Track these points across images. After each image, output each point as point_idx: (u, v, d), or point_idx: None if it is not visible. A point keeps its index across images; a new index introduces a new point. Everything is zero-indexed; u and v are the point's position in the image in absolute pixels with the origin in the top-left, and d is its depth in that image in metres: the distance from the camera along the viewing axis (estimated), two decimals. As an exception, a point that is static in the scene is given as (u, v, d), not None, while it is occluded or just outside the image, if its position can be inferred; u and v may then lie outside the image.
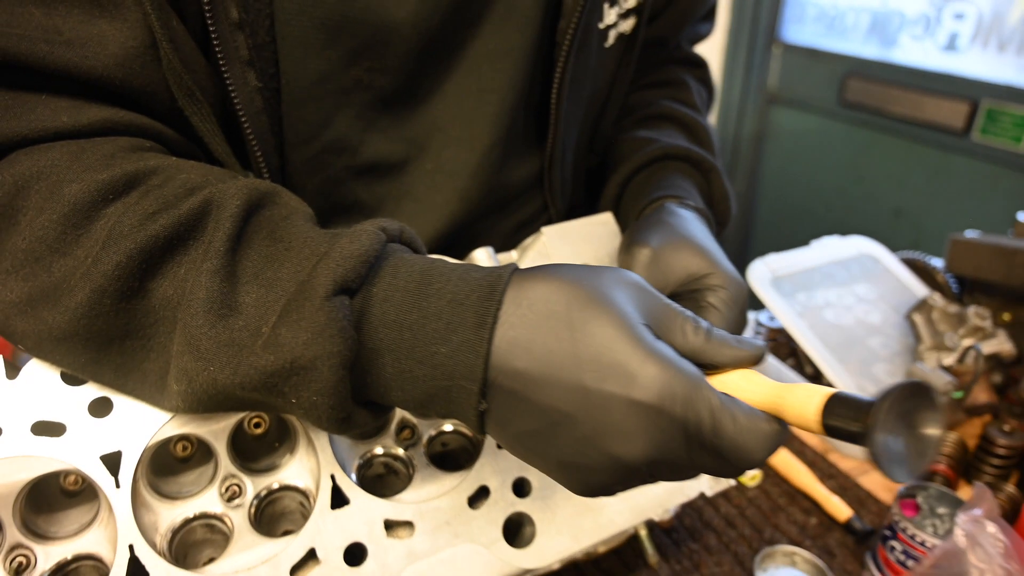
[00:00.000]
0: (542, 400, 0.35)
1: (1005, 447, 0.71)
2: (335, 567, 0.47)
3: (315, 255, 0.38)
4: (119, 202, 0.39)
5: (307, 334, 0.36)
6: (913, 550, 0.58)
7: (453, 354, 0.36)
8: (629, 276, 0.39)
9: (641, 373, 0.34)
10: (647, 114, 0.72)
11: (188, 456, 0.50)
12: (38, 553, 0.44)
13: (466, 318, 0.36)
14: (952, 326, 0.79)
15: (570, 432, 0.36)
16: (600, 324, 0.35)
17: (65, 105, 0.41)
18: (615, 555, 0.64)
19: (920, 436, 0.33)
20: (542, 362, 0.35)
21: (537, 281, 0.37)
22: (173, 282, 0.39)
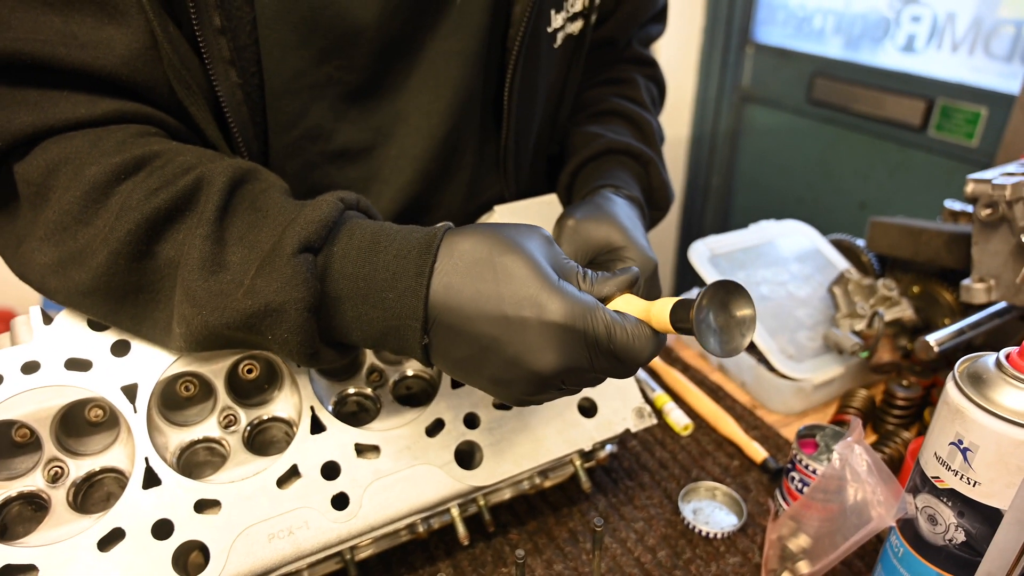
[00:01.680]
0: (473, 330, 0.45)
1: (904, 399, 0.81)
2: (314, 480, 0.57)
3: (286, 220, 0.48)
4: (129, 180, 0.49)
5: (277, 283, 0.45)
6: (807, 478, 0.68)
7: (399, 299, 0.46)
8: (540, 231, 0.49)
9: (550, 301, 0.45)
10: (598, 110, 0.81)
11: (192, 395, 0.60)
12: (70, 465, 0.54)
13: (408, 269, 0.46)
14: (864, 296, 0.90)
15: (497, 354, 0.46)
16: (517, 266, 0.45)
17: (83, 99, 0.50)
18: (559, 489, 0.74)
19: (735, 317, 0.44)
20: (471, 300, 0.45)
21: (465, 236, 0.47)
22: (174, 245, 0.48)
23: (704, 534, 0.70)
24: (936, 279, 0.93)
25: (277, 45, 0.56)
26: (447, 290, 0.45)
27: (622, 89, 0.83)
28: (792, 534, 0.65)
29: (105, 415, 0.56)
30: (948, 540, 0.51)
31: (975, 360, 0.51)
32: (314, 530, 0.55)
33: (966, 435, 0.48)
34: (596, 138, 0.75)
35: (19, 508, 0.53)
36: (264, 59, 0.56)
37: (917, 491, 0.53)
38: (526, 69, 0.69)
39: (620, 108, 0.80)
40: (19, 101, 0.49)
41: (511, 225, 0.48)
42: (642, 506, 0.74)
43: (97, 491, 0.55)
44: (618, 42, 0.84)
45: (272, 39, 0.56)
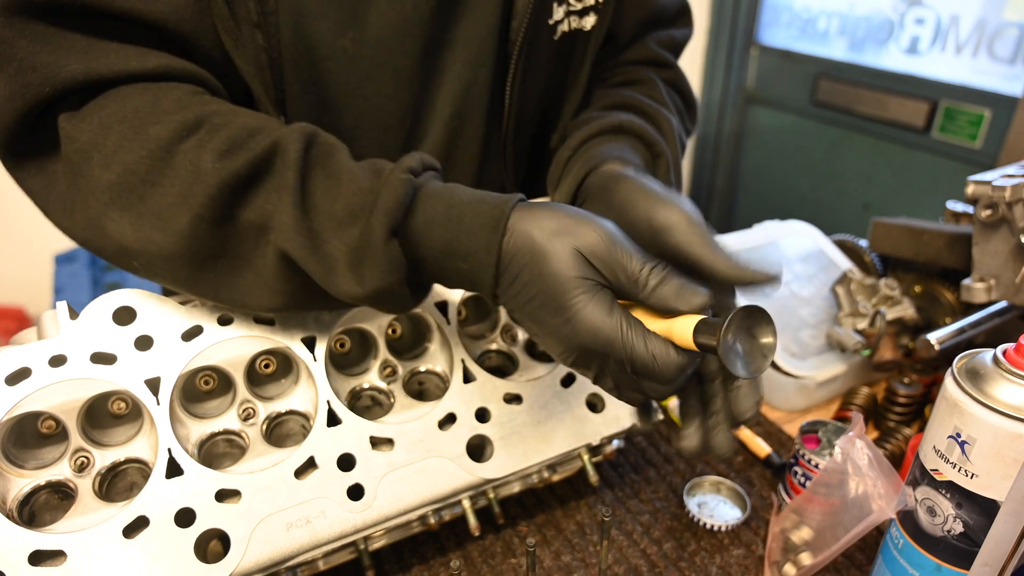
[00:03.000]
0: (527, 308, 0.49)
1: (905, 396, 0.83)
2: (330, 471, 0.58)
3: (363, 196, 0.50)
4: (192, 139, 0.50)
5: (379, 272, 0.49)
6: (810, 472, 0.70)
7: (472, 270, 0.50)
8: (602, 227, 0.48)
9: (575, 317, 0.47)
10: (609, 103, 0.75)
11: (211, 389, 0.61)
12: (96, 456, 0.56)
13: (479, 246, 0.49)
14: (867, 296, 0.91)
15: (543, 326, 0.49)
16: (559, 264, 0.47)
17: (132, 52, 0.51)
18: (567, 483, 0.76)
19: (758, 344, 0.45)
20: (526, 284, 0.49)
21: (528, 220, 0.49)
22: (254, 209, 0.50)
23: (708, 527, 0.71)
24: (937, 279, 0.94)
25: (295, 12, 0.58)
26: (507, 271, 0.49)
27: (638, 88, 0.78)
28: (795, 527, 0.66)
29: (128, 407, 0.58)
30: (947, 531, 0.53)
31: (973, 356, 0.53)
32: (331, 519, 0.57)
33: (964, 428, 0.50)
34: (601, 119, 0.70)
35: (46, 496, 0.55)
36: (282, 25, 0.58)
37: (917, 484, 0.55)
38: (528, 60, 0.70)
39: (633, 101, 0.74)
40: (66, 47, 0.50)
41: (575, 217, 0.49)
42: (648, 500, 0.75)
43: (121, 480, 0.57)
44: (619, 38, 0.80)
45: (291, 6, 0.58)
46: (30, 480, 0.54)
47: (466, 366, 0.66)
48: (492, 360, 0.71)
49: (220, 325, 0.59)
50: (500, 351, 0.72)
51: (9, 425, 0.53)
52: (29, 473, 0.54)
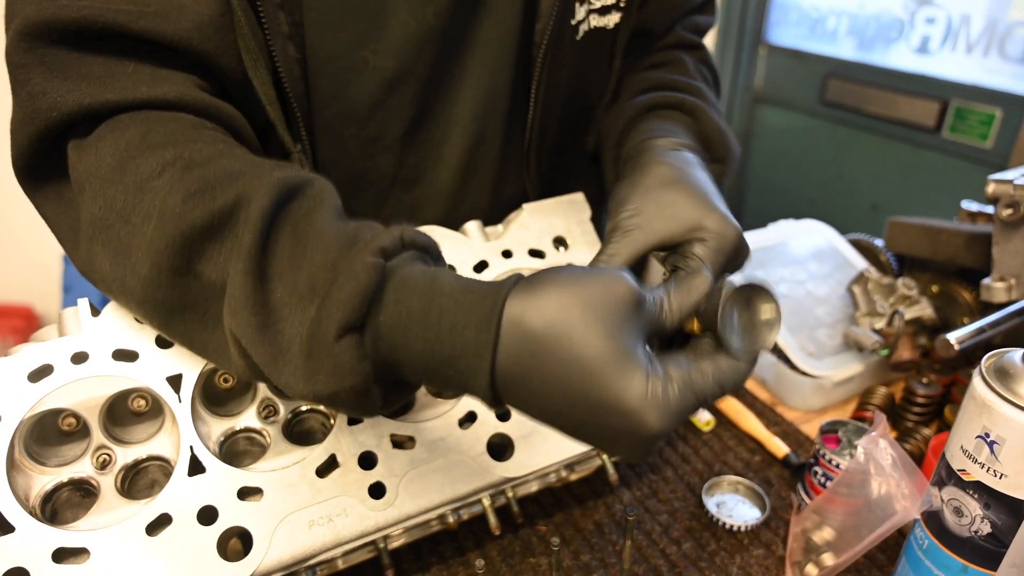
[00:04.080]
0: (537, 411, 0.42)
1: (924, 396, 0.82)
2: (352, 469, 0.58)
3: (327, 268, 0.42)
4: (165, 175, 0.46)
5: (326, 374, 0.41)
6: (831, 472, 0.69)
7: (461, 376, 0.41)
8: (617, 293, 0.40)
9: (636, 415, 0.39)
10: (643, 87, 0.74)
11: (230, 387, 0.61)
12: (117, 453, 0.56)
13: (467, 348, 0.40)
14: (884, 295, 0.91)
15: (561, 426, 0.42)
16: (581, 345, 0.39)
17: (145, 77, 0.50)
18: (584, 482, 0.76)
19: (759, 319, 0.45)
20: (541, 396, 0.40)
21: (529, 313, 0.39)
22: (215, 267, 0.44)
23: (728, 527, 0.71)
24: (955, 278, 0.93)
25: (318, 23, 0.58)
26: (507, 377, 0.40)
27: (669, 69, 0.77)
28: (816, 527, 0.66)
29: (148, 405, 0.58)
30: (974, 532, 0.52)
31: (1001, 355, 0.52)
32: (352, 518, 0.57)
33: (993, 428, 0.50)
34: (632, 106, 0.70)
35: (68, 494, 0.54)
36: (307, 36, 0.58)
37: (943, 484, 0.54)
38: (553, 61, 0.70)
39: (666, 80, 0.73)
40: (83, 74, 0.49)
41: (583, 292, 0.40)
42: (666, 499, 0.75)
43: (142, 478, 0.57)
44: (655, 33, 0.80)
45: (314, 17, 0.58)
46: (52, 477, 0.54)
47: (486, 364, 0.66)
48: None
49: (241, 322, 0.59)
50: (519, 350, 0.71)
51: (31, 422, 0.53)
52: (51, 470, 0.54)
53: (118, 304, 0.53)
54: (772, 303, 0.45)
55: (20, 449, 0.53)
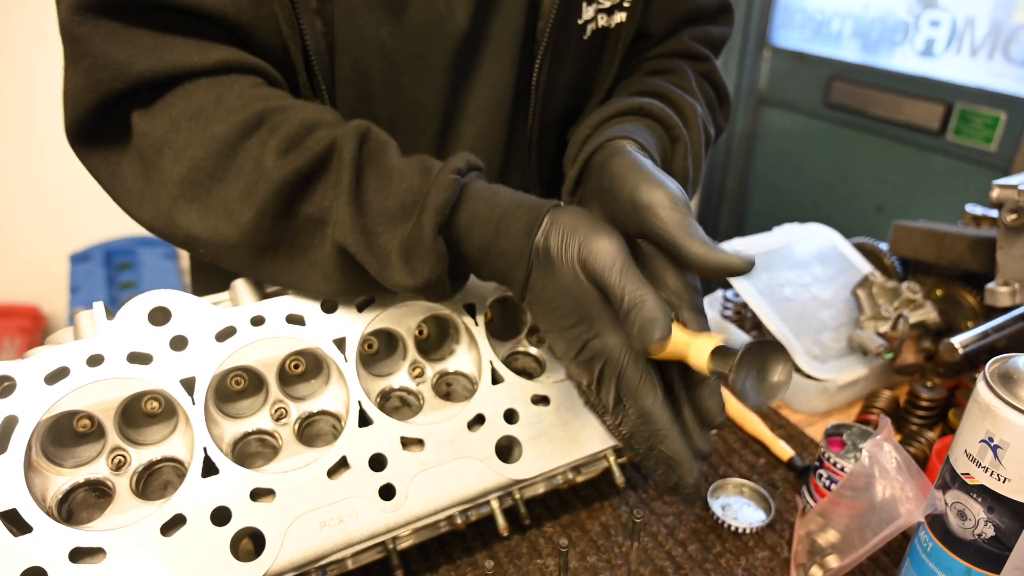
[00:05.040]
0: (544, 308, 0.55)
1: (927, 400, 0.83)
2: (362, 471, 0.59)
3: (414, 194, 0.54)
4: (254, 137, 0.54)
5: (428, 266, 0.53)
6: (836, 475, 0.70)
7: (506, 269, 0.55)
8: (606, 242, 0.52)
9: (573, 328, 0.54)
10: (635, 90, 0.74)
11: (242, 389, 0.62)
12: (132, 454, 0.57)
13: (514, 248, 0.54)
14: (888, 299, 0.91)
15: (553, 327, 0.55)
16: (562, 275, 0.53)
17: (195, 47, 0.54)
18: (591, 484, 0.76)
19: (768, 380, 0.47)
20: (544, 288, 0.54)
21: (553, 228, 0.53)
22: (312, 204, 0.54)
23: (733, 529, 0.72)
24: (959, 282, 0.94)
25: (345, 3, 0.61)
26: (537, 278, 0.54)
27: (666, 77, 0.76)
28: (821, 529, 0.67)
29: (161, 406, 0.59)
30: (977, 535, 0.53)
31: (1006, 360, 0.53)
32: (363, 519, 0.57)
33: (996, 433, 0.50)
34: (623, 101, 0.69)
35: (84, 494, 0.55)
36: (335, 12, 0.61)
37: (947, 487, 0.55)
38: (554, 60, 0.71)
39: (659, 88, 0.73)
40: (136, 43, 0.53)
41: (588, 227, 0.53)
42: (671, 501, 0.76)
43: (156, 479, 0.57)
44: (653, 34, 0.79)
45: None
46: (68, 478, 0.55)
47: (494, 367, 0.66)
48: (519, 362, 0.71)
49: (253, 326, 0.60)
50: (527, 353, 0.72)
51: (48, 424, 0.54)
52: (68, 471, 0.55)
53: (199, 255, 0.58)
54: (785, 364, 0.47)
55: (37, 450, 0.54)
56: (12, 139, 2.23)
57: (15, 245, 2.36)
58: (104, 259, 2.35)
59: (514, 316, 0.74)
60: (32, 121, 2.21)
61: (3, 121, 2.21)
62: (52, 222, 2.37)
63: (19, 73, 2.17)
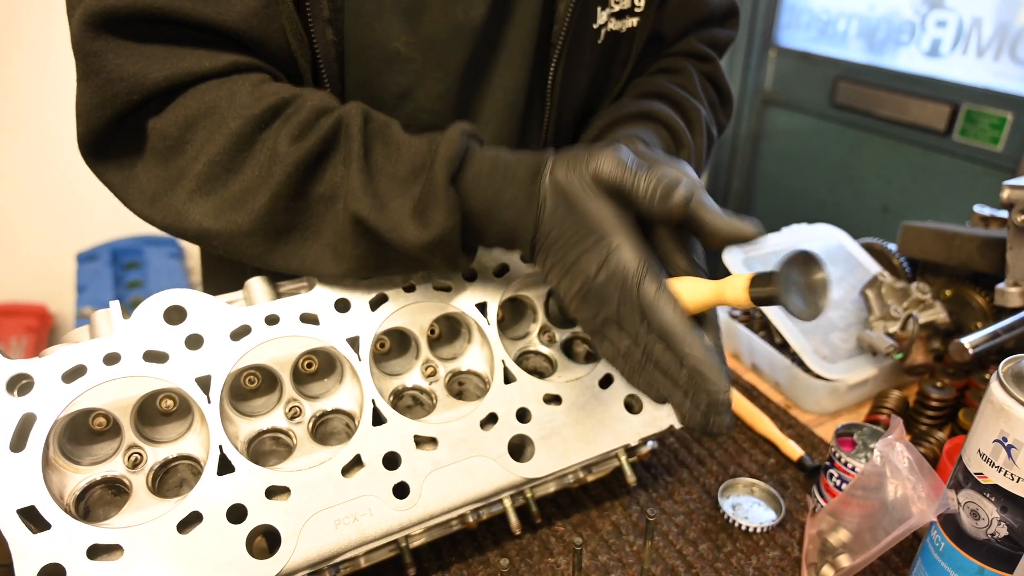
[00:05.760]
0: (557, 245, 0.53)
1: (937, 400, 0.83)
2: (376, 469, 0.59)
3: (423, 155, 0.55)
4: (269, 128, 0.55)
5: (443, 214, 0.53)
6: (846, 475, 0.70)
7: (515, 218, 0.54)
8: (610, 152, 0.51)
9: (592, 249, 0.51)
10: (642, 92, 0.76)
11: (255, 388, 0.62)
12: (148, 452, 0.57)
13: (520, 194, 0.53)
14: (898, 299, 0.91)
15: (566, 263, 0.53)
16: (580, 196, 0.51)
17: (204, 54, 0.56)
18: (601, 483, 0.77)
19: (812, 281, 0.47)
20: (563, 227, 0.52)
21: (557, 164, 0.53)
22: (324, 183, 0.55)
23: (744, 528, 0.72)
24: (968, 283, 0.94)
25: (356, 12, 0.61)
26: (547, 222, 0.53)
27: (673, 77, 0.79)
28: (832, 529, 0.67)
29: (176, 404, 0.59)
30: (991, 534, 0.53)
31: (1019, 360, 0.53)
32: (377, 517, 0.58)
33: (1010, 432, 0.50)
34: (631, 105, 0.72)
35: (101, 492, 0.56)
36: (346, 22, 0.61)
37: (960, 487, 0.55)
38: (569, 64, 0.71)
39: (666, 90, 0.75)
40: (147, 56, 0.54)
41: (590, 148, 0.52)
42: (682, 501, 0.76)
43: (172, 477, 0.58)
44: (665, 38, 0.81)
45: (353, 6, 0.61)
46: (86, 476, 0.55)
47: (506, 367, 0.67)
48: (530, 361, 0.72)
49: (267, 325, 0.60)
50: (538, 352, 0.72)
51: (65, 421, 0.54)
52: (85, 469, 0.55)
53: (213, 247, 0.58)
54: (822, 269, 0.47)
55: (55, 448, 0.54)
56: (19, 139, 2.23)
57: (22, 244, 2.37)
58: (111, 258, 2.35)
59: (525, 316, 0.74)
60: (39, 121, 2.22)
61: (10, 122, 2.22)
62: (59, 221, 2.38)
63: (26, 74, 2.18)
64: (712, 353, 0.49)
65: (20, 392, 0.52)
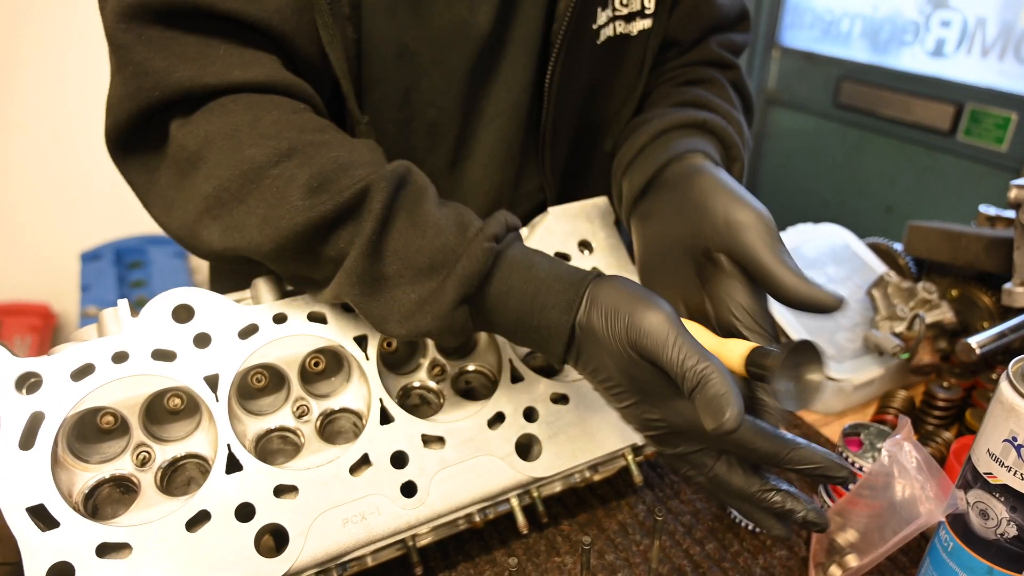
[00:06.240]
0: (597, 384, 0.53)
1: (944, 400, 0.83)
2: (383, 468, 0.59)
3: (446, 251, 0.52)
4: (280, 166, 0.53)
5: (436, 324, 0.52)
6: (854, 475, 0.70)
7: (543, 341, 0.53)
8: (656, 312, 0.49)
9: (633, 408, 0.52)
10: (682, 100, 0.74)
11: (263, 387, 0.62)
12: (156, 451, 0.57)
13: (551, 323, 0.51)
14: (904, 299, 0.91)
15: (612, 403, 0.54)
16: (611, 356, 0.50)
17: (236, 60, 0.54)
18: (607, 483, 0.77)
19: (807, 380, 0.47)
20: (604, 374, 0.51)
21: (594, 303, 0.51)
22: (334, 248, 0.53)
23: (751, 528, 0.72)
24: (974, 283, 0.94)
25: (372, 8, 0.62)
26: (578, 346, 0.52)
27: (708, 88, 0.77)
28: (839, 529, 0.67)
29: (183, 403, 0.59)
30: (1000, 534, 0.53)
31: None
32: (385, 516, 0.58)
33: (1020, 432, 0.50)
34: (681, 113, 0.69)
35: (109, 490, 0.56)
36: (363, 19, 0.61)
37: (968, 487, 0.55)
38: (567, 64, 0.71)
39: (707, 100, 0.73)
40: (178, 52, 0.53)
41: (636, 299, 0.49)
42: (688, 500, 0.76)
43: (179, 475, 0.58)
44: (681, 43, 0.80)
45: (370, 2, 0.61)
46: (94, 474, 0.55)
47: (514, 366, 0.67)
48: (538, 360, 0.71)
49: (275, 323, 0.60)
50: (545, 351, 0.72)
51: (73, 420, 0.54)
52: (93, 467, 0.55)
53: (224, 264, 0.59)
54: (820, 366, 0.47)
55: (63, 446, 0.54)
56: (23, 138, 2.24)
57: (26, 243, 2.37)
58: (114, 258, 2.36)
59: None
60: (43, 120, 2.22)
61: (15, 120, 2.22)
62: (63, 221, 2.38)
63: (31, 74, 2.18)
64: (818, 450, 0.50)
65: (29, 390, 0.52)
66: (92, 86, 2.08)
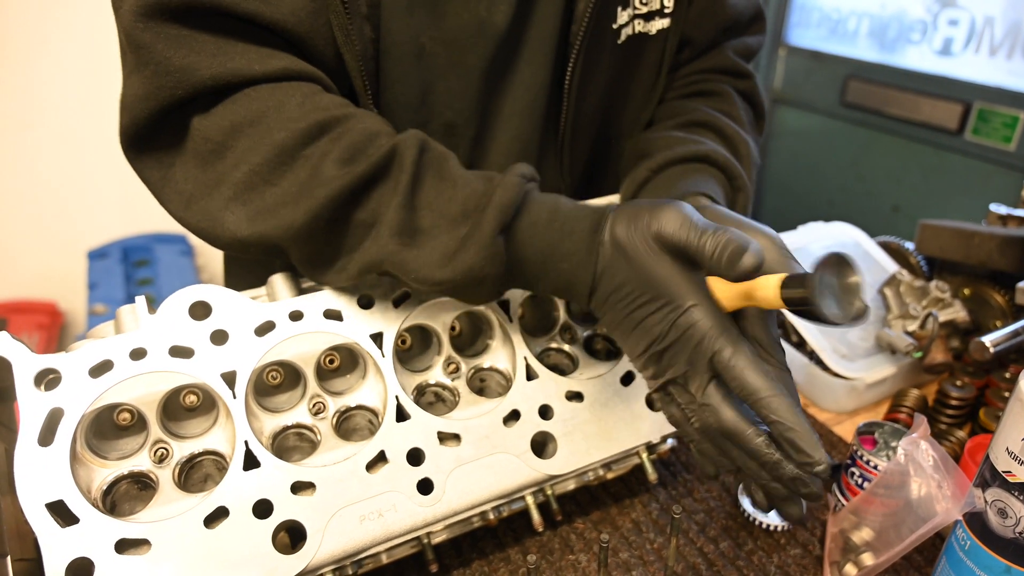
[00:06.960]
0: (620, 304, 0.53)
1: (957, 399, 0.83)
2: (400, 465, 0.59)
3: (478, 196, 0.54)
4: (313, 145, 0.54)
5: (480, 259, 0.52)
6: (868, 473, 0.70)
7: (572, 270, 0.54)
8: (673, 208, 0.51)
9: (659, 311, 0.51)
10: (687, 120, 0.75)
11: (278, 384, 0.62)
12: (174, 447, 0.57)
13: (580, 247, 0.53)
14: (916, 298, 0.91)
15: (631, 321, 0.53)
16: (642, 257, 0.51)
17: (255, 55, 0.55)
18: (620, 481, 0.77)
19: (846, 284, 0.46)
20: (625, 286, 0.52)
21: (617, 219, 0.53)
22: (366, 210, 0.54)
23: (765, 526, 0.72)
24: (987, 281, 0.94)
25: (391, 7, 0.62)
26: (603, 275, 0.53)
27: (715, 102, 0.78)
28: (854, 527, 0.67)
29: (199, 400, 0.59)
30: (1019, 533, 0.53)
31: (1048, 358, 0.53)
32: (402, 513, 0.58)
33: (1040, 431, 0.50)
34: (684, 143, 0.71)
35: (127, 486, 0.56)
36: (382, 19, 0.62)
37: (987, 485, 0.55)
38: (587, 64, 0.71)
39: (713, 121, 0.74)
40: (197, 50, 0.54)
41: (651, 205, 0.52)
42: (701, 498, 0.76)
43: (197, 472, 0.58)
44: (695, 42, 0.80)
45: (388, 2, 0.61)
46: (112, 470, 0.55)
47: (528, 363, 0.67)
48: (551, 358, 0.72)
49: (291, 321, 0.60)
50: (560, 350, 0.72)
51: (92, 416, 0.55)
52: (112, 463, 0.55)
53: (247, 253, 0.58)
54: (856, 273, 0.46)
55: (82, 443, 0.54)
56: (31, 137, 2.24)
57: (33, 242, 2.37)
58: (121, 256, 2.36)
59: (546, 313, 0.74)
60: (49, 119, 2.23)
61: (22, 119, 2.22)
62: (69, 219, 2.38)
63: (36, 73, 2.18)
64: (803, 418, 0.48)
65: (47, 387, 0.53)
66: (98, 85, 2.08)
